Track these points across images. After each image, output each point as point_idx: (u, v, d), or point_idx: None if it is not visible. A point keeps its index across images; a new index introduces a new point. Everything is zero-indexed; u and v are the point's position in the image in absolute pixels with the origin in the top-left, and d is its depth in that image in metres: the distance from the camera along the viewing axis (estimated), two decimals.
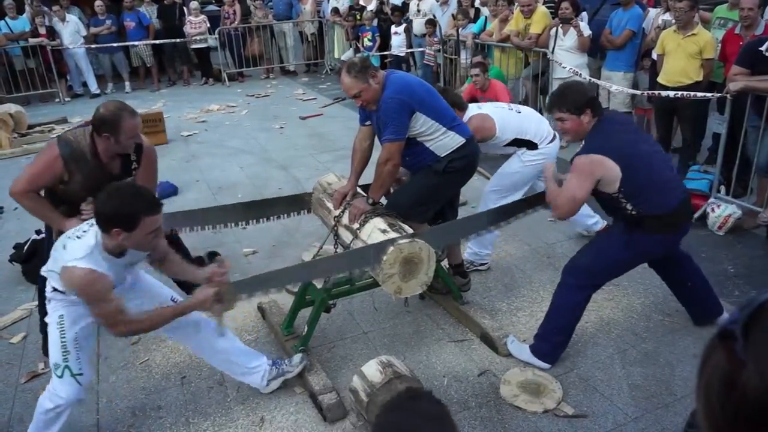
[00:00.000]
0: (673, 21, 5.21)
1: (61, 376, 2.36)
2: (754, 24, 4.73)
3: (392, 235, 2.77)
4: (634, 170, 2.66)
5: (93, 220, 2.27)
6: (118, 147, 2.79)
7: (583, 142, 2.81)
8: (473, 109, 3.77)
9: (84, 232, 2.27)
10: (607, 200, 2.80)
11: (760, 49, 4.22)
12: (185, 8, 10.65)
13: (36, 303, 3.74)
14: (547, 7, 6.60)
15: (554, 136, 3.74)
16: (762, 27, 4.75)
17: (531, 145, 3.69)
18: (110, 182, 2.74)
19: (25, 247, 4.09)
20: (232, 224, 3.43)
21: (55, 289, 2.33)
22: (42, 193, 2.88)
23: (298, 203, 3.56)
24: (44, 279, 2.42)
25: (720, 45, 5.02)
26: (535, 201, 3.37)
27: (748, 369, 0.56)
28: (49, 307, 2.40)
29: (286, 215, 3.55)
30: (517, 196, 3.70)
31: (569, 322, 2.95)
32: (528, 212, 3.39)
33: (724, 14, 5.41)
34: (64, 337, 2.35)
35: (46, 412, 2.39)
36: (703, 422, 0.63)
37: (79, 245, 2.21)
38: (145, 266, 2.65)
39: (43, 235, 4.07)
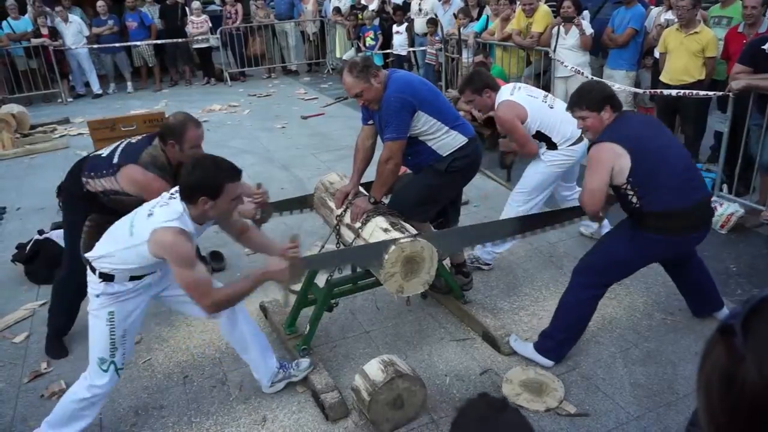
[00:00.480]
0: (676, 19, 5.21)
1: (106, 371, 2.44)
2: (757, 22, 4.71)
3: (394, 234, 2.77)
4: (643, 160, 2.68)
5: (169, 194, 2.36)
6: (182, 155, 2.88)
7: None
8: (505, 92, 3.70)
9: (167, 201, 2.33)
10: (615, 192, 2.81)
11: (763, 47, 4.21)
12: (187, 8, 10.68)
13: (39, 303, 3.76)
14: (549, 6, 6.60)
15: (578, 138, 3.62)
16: (765, 25, 4.73)
17: (551, 145, 3.67)
18: None
19: (28, 247, 4.10)
20: None
21: (105, 280, 2.34)
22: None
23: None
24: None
25: (723, 43, 5.01)
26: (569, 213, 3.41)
27: (746, 363, 0.56)
28: (96, 302, 2.41)
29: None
30: (542, 197, 3.77)
31: (573, 319, 2.94)
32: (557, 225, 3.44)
33: (718, 12, 5.40)
34: (113, 334, 2.40)
35: (80, 401, 2.46)
36: (703, 417, 0.63)
37: (167, 210, 2.29)
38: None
39: (46, 235, 4.10)
